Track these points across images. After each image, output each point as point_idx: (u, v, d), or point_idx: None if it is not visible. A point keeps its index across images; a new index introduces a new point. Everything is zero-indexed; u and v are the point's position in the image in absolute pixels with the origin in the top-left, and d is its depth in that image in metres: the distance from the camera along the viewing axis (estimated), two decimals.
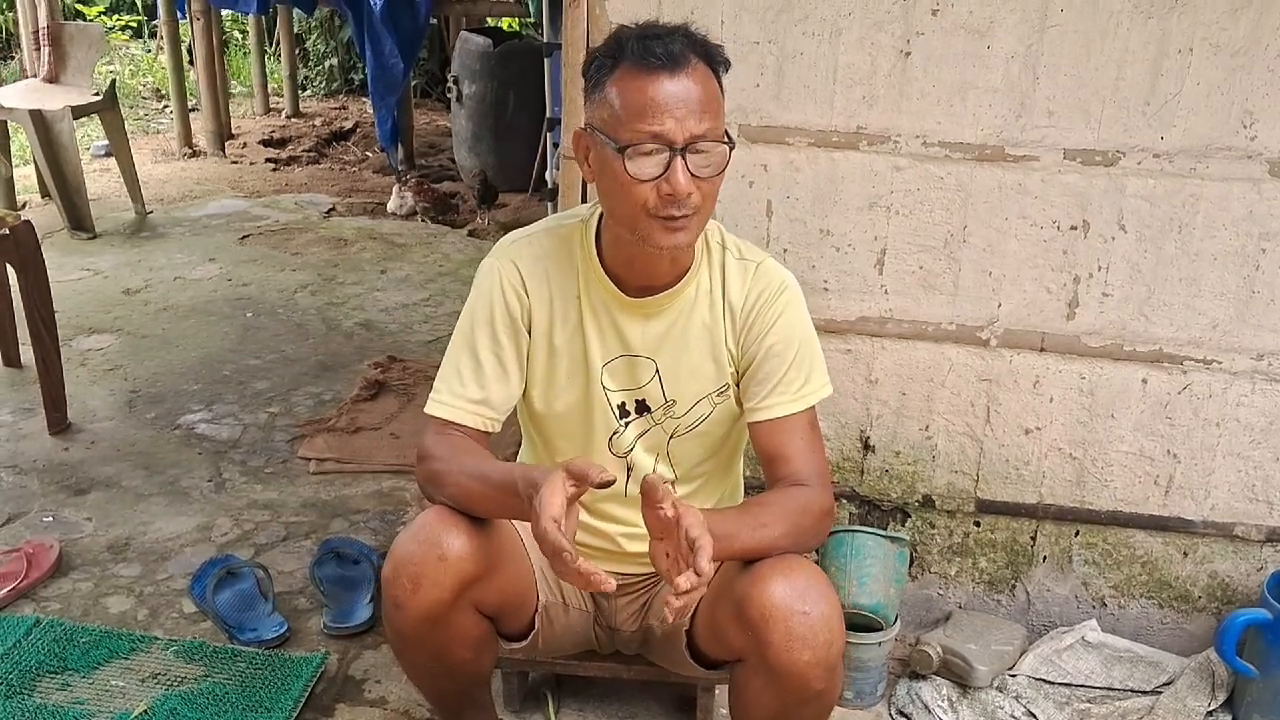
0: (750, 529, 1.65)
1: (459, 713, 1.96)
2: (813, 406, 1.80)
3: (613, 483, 1.53)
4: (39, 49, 5.44)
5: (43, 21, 5.39)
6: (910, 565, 2.43)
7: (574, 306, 1.79)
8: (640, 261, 1.74)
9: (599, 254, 1.78)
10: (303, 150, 6.81)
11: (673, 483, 1.87)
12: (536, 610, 1.92)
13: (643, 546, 1.86)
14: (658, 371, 1.81)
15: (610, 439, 1.84)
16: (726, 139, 1.62)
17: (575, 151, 1.72)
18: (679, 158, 1.57)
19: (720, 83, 1.65)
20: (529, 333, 1.81)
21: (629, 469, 1.86)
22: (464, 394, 1.78)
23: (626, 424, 1.84)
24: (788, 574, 1.62)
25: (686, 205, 1.60)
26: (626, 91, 1.59)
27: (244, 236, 5.21)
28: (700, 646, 1.88)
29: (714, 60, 1.64)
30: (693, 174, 1.59)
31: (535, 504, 1.49)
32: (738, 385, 1.83)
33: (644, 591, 1.98)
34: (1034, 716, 2.20)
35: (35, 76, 5.48)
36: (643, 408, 1.83)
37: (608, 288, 1.78)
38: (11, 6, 5.45)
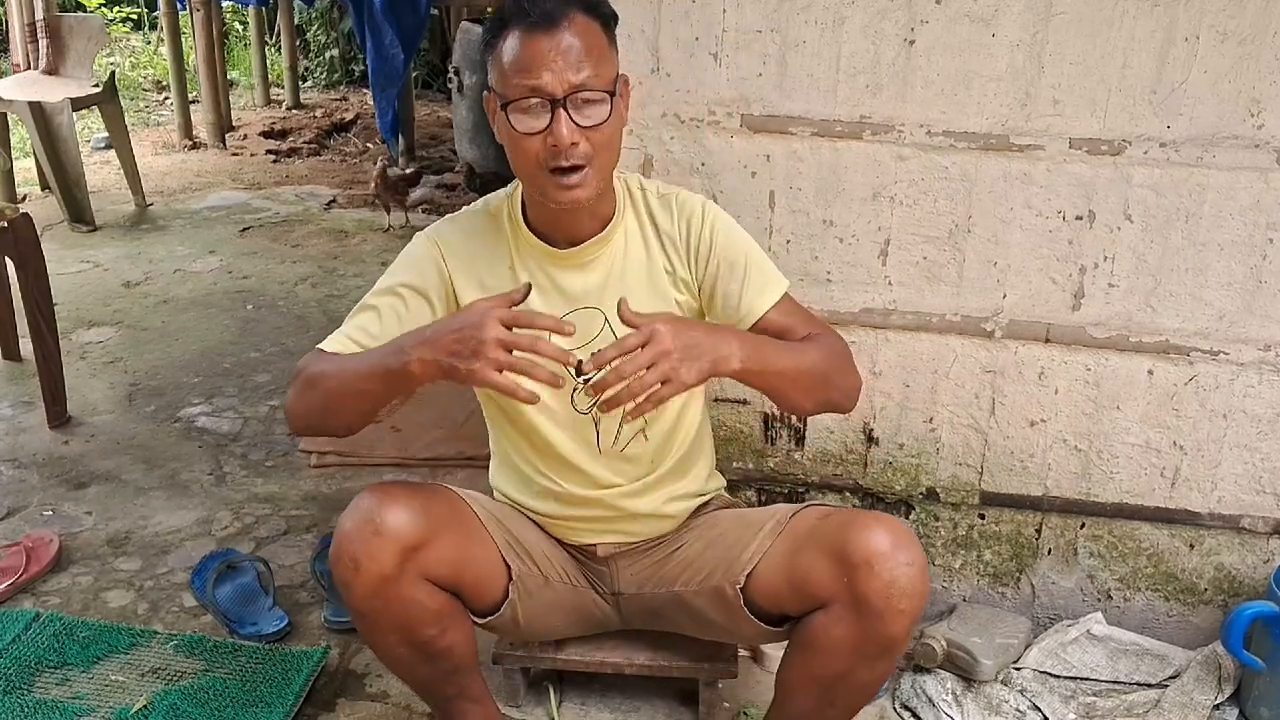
0: (786, 349, 1.72)
1: (450, 703, 1.94)
2: (787, 292, 1.85)
3: (529, 287, 1.61)
4: (34, 41, 5.43)
5: (39, 14, 5.37)
6: None
7: (506, 274, 1.82)
8: (561, 220, 1.78)
9: (525, 220, 1.82)
10: (303, 142, 6.81)
11: (644, 431, 1.88)
12: (510, 581, 1.90)
13: (633, 504, 1.92)
14: (606, 319, 1.82)
15: (571, 397, 1.85)
16: (612, 88, 1.66)
17: (488, 114, 1.75)
18: (560, 109, 1.61)
19: (608, 36, 1.69)
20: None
21: (596, 425, 1.87)
22: (354, 336, 1.77)
23: (586, 380, 1.82)
24: (890, 526, 1.67)
25: (574, 155, 1.64)
26: (508, 50, 1.65)
27: (244, 229, 5.20)
28: (758, 602, 1.84)
29: (596, 10, 1.67)
30: (578, 124, 1.63)
31: (481, 305, 1.54)
32: (699, 315, 1.88)
33: (644, 553, 1.97)
34: (1039, 710, 2.18)
35: (27, 69, 5.47)
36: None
37: (538, 246, 1.82)
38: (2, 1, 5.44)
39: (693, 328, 1.60)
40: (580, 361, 1.78)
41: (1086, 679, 2.27)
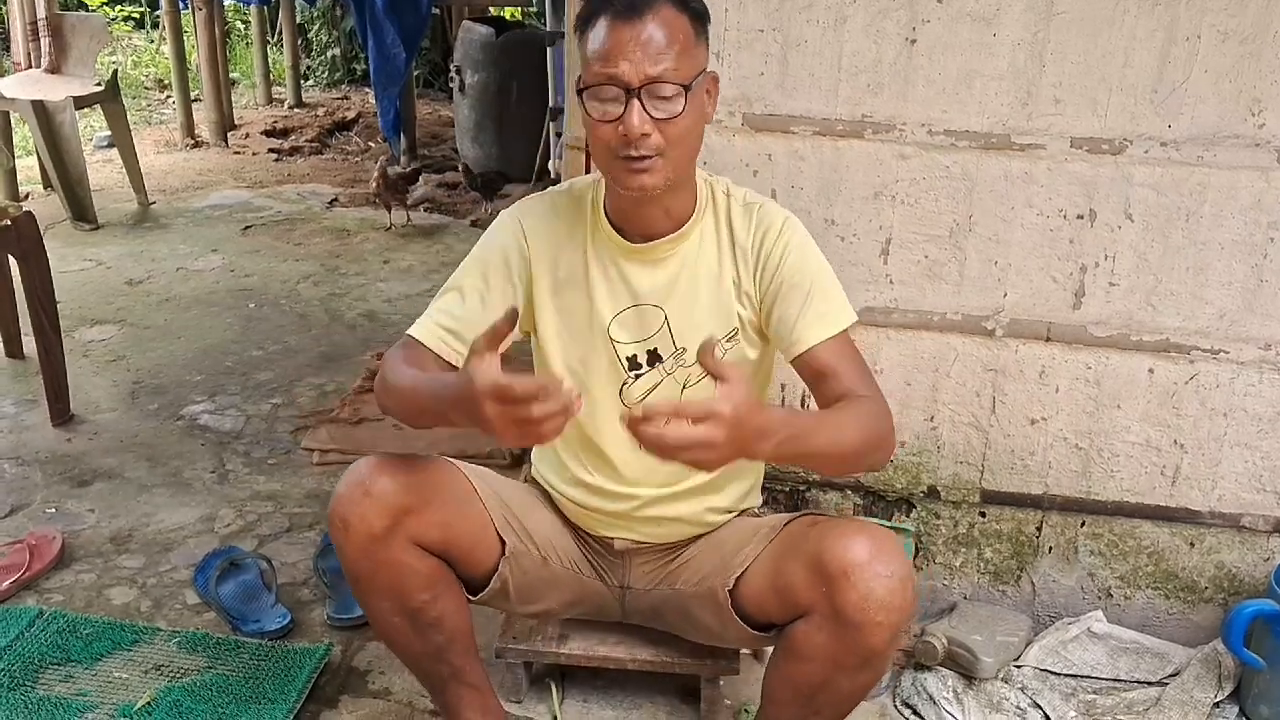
0: (827, 431, 1.62)
1: (446, 684, 1.95)
2: (846, 330, 1.79)
3: (515, 313, 1.52)
4: (36, 40, 5.44)
5: (41, 13, 5.38)
6: (915, 556, 2.42)
7: (580, 260, 1.84)
8: (634, 212, 1.79)
9: (605, 210, 1.83)
10: (305, 141, 6.81)
11: None
12: (502, 555, 1.91)
13: (661, 508, 1.92)
14: (666, 319, 1.83)
15: (621, 390, 1.85)
16: (689, 83, 1.64)
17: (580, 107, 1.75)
18: (634, 99, 1.61)
19: (695, 30, 1.68)
20: (527, 286, 1.85)
21: None
22: (439, 320, 1.80)
23: (637, 376, 1.85)
24: (870, 535, 1.65)
25: (645, 146, 1.64)
26: (593, 40, 1.65)
27: (246, 227, 5.21)
28: (746, 607, 1.84)
29: (687, 4, 1.67)
30: (651, 116, 1.62)
31: (469, 378, 1.46)
32: (759, 332, 1.85)
33: (663, 554, 1.98)
34: (1040, 708, 2.19)
35: (29, 68, 5.48)
36: (654, 358, 1.84)
37: (612, 237, 1.82)
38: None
39: (751, 419, 1.45)
40: (634, 356, 1.81)
41: (1087, 677, 2.27)
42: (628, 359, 1.84)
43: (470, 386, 1.44)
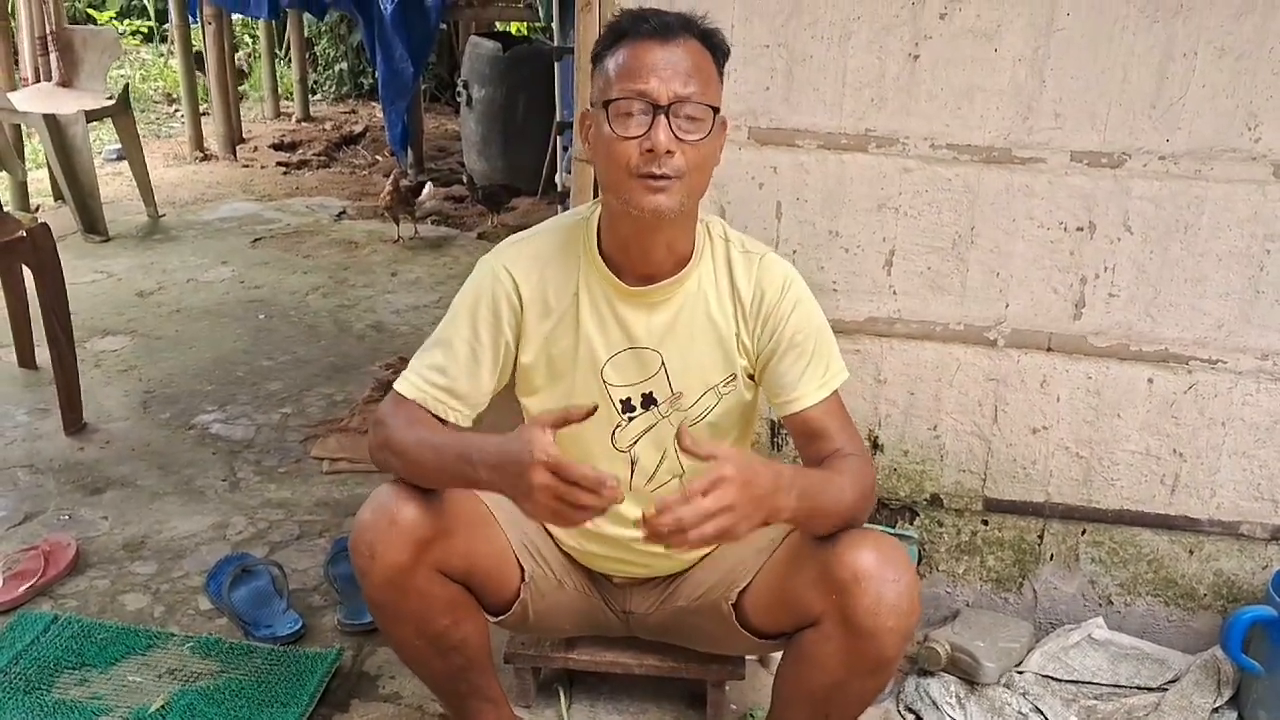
0: (831, 492, 1.66)
1: (464, 701, 1.97)
2: (836, 391, 1.82)
3: (594, 409, 1.58)
4: (45, 54, 5.50)
5: (49, 27, 5.44)
6: (919, 563, 2.45)
7: (570, 302, 1.81)
8: (635, 245, 1.75)
9: (599, 247, 1.81)
10: (313, 154, 6.86)
11: (680, 477, 1.89)
12: (523, 581, 1.93)
13: (656, 548, 1.91)
14: (664, 364, 1.81)
15: (613, 433, 1.85)
16: (716, 109, 1.66)
17: (580, 134, 1.74)
18: (662, 116, 1.61)
19: (717, 67, 1.70)
20: (517, 339, 1.83)
21: (633, 463, 1.88)
22: (430, 378, 1.80)
23: (631, 419, 1.84)
24: (877, 543, 1.66)
25: (668, 165, 1.62)
26: (618, 59, 1.65)
27: (256, 239, 5.25)
28: (751, 618, 1.87)
29: (710, 41, 1.69)
30: (677, 136, 1.62)
31: (527, 444, 1.49)
32: (751, 377, 1.85)
33: (661, 580, 2.01)
34: (1041, 713, 2.22)
35: (37, 82, 5.53)
36: (649, 401, 1.84)
37: (608, 279, 1.79)
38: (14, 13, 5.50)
39: (758, 476, 1.51)
40: (628, 399, 1.81)
41: (1088, 682, 2.30)
42: (621, 401, 1.83)
43: (525, 452, 1.49)
